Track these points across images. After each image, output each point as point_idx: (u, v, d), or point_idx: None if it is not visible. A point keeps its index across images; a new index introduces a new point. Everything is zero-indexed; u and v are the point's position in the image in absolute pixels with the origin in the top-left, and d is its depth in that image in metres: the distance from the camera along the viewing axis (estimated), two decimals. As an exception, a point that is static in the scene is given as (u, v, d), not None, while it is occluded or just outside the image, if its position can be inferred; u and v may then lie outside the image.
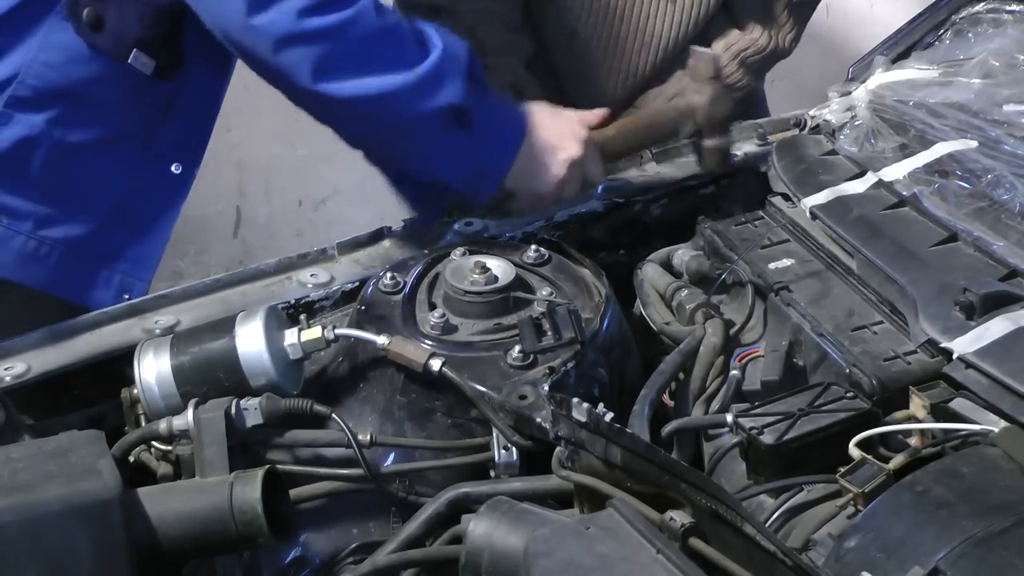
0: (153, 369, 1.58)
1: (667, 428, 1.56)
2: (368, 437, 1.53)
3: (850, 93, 2.03)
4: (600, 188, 2.00)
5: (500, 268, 1.68)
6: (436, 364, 1.56)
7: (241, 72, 1.89)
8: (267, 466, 1.45)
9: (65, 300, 1.92)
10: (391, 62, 1.75)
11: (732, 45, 2.39)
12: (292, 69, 1.73)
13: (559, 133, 1.90)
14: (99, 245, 1.93)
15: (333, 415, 1.54)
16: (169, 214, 2.00)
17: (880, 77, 2.03)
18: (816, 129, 2.06)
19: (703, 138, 2.02)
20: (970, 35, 2.07)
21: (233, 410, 1.51)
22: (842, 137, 1.97)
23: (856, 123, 1.97)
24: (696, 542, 1.26)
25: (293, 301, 1.79)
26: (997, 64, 1.96)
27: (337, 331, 1.61)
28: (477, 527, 1.36)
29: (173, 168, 1.96)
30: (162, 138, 1.94)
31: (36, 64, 1.83)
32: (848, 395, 1.49)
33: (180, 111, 1.95)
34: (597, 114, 1.98)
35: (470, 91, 1.80)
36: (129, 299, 1.91)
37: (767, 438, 1.44)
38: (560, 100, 2.31)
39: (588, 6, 2.30)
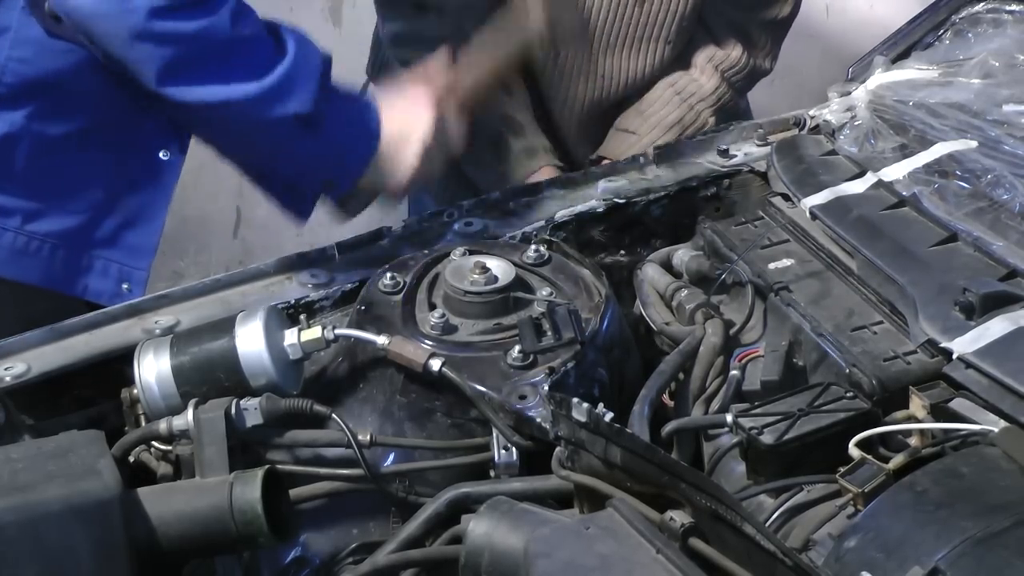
0: (153, 369, 1.58)
1: (667, 428, 1.56)
2: (368, 437, 1.53)
3: (850, 93, 2.03)
4: (600, 189, 2.00)
5: (500, 268, 1.68)
6: (436, 364, 1.56)
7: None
8: (267, 466, 1.45)
9: (62, 294, 1.91)
10: (239, 71, 1.76)
11: (711, 59, 2.43)
12: (139, 66, 1.73)
13: (405, 119, 1.90)
14: (91, 236, 1.92)
15: (333, 415, 1.54)
16: (161, 200, 1.98)
17: (880, 77, 2.03)
18: (816, 129, 2.06)
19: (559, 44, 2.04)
20: (970, 35, 2.08)
21: (233, 410, 1.51)
22: (842, 137, 1.97)
23: (856, 123, 1.97)
24: (696, 542, 1.26)
25: (293, 301, 1.79)
26: (997, 64, 1.96)
27: (337, 331, 1.61)
28: (477, 527, 1.36)
29: (161, 154, 1.94)
30: (146, 125, 1.92)
31: (11, 61, 1.82)
32: (848, 395, 1.49)
33: None
34: (437, 61, 1.99)
35: (321, 100, 1.80)
36: (129, 288, 1.91)
37: (767, 438, 1.44)
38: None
39: (554, 8, 2.30)
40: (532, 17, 2.00)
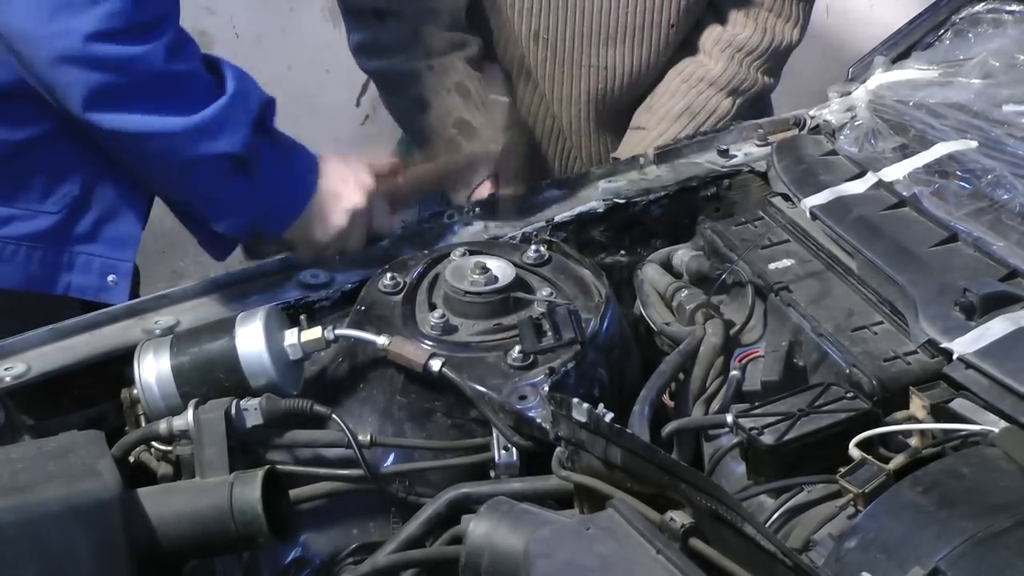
0: (153, 369, 1.58)
1: (667, 428, 1.56)
2: (368, 437, 1.53)
3: (850, 93, 2.03)
4: (600, 189, 2.00)
5: (500, 268, 1.68)
6: (436, 364, 1.56)
7: (240, 72, 1.89)
8: (267, 466, 1.45)
9: (45, 294, 1.89)
10: (170, 104, 1.73)
11: (719, 41, 2.36)
12: (65, 90, 1.70)
13: (341, 180, 1.88)
14: (70, 233, 1.89)
15: (333, 415, 1.54)
16: (140, 190, 1.95)
17: (880, 77, 2.03)
18: (816, 129, 2.06)
19: (497, 187, 2.05)
20: (970, 35, 2.08)
21: (233, 410, 1.51)
22: (842, 137, 1.97)
23: (856, 123, 1.97)
24: (696, 542, 1.26)
25: (293, 301, 1.80)
26: (997, 64, 1.97)
27: (337, 331, 1.61)
28: (477, 527, 1.36)
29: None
30: None
31: None
32: (848, 395, 1.49)
33: None
34: (387, 163, 1.99)
35: (255, 142, 1.79)
36: (115, 280, 1.89)
37: (767, 438, 1.44)
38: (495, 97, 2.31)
39: (547, 6, 2.29)
40: (489, 149, 2.02)
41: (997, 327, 1.51)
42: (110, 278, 1.91)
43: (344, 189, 1.88)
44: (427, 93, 2.29)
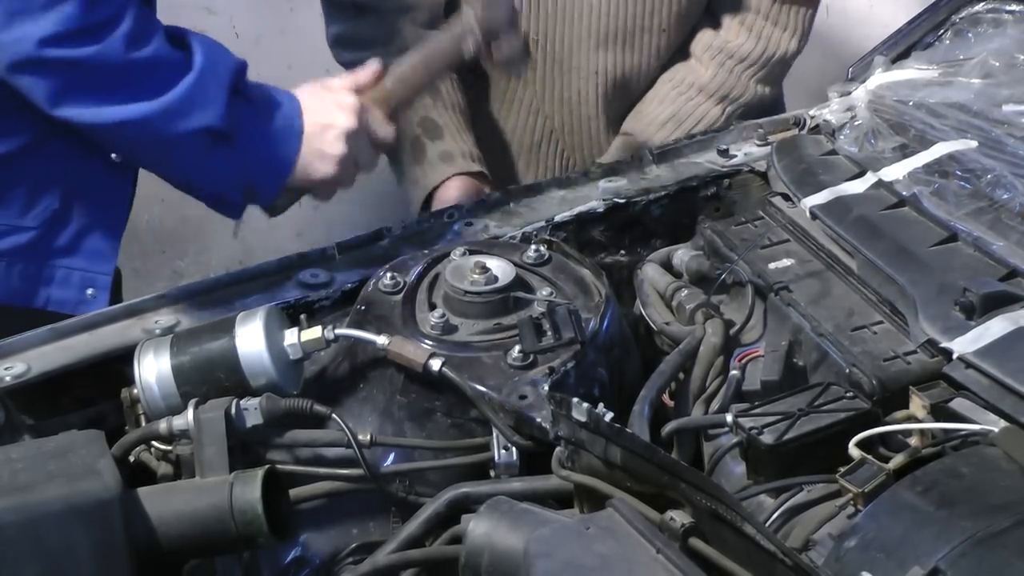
0: (153, 369, 1.58)
1: (667, 428, 1.56)
2: (368, 437, 1.53)
3: (850, 93, 2.03)
4: (600, 189, 2.00)
5: (500, 268, 1.68)
6: (436, 364, 1.56)
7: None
8: (267, 466, 1.45)
9: (26, 308, 1.89)
10: (136, 91, 1.74)
11: (709, 47, 2.34)
12: (29, 91, 1.72)
13: (325, 111, 1.86)
14: (49, 247, 1.90)
15: (333, 415, 1.54)
16: (119, 202, 1.96)
17: (880, 77, 2.03)
18: (816, 129, 2.06)
19: (490, 52, 1.98)
20: (970, 35, 2.08)
21: (233, 410, 1.51)
22: (842, 137, 1.97)
23: (856, 123, 1.97)
24: (696, 542, 1.26)
25: (293, 301, 1.79)
26: (997, 64, 1.97)
27: (337, 331, 1.61)
28: (477, 527, 1.36)
29: (113, 156, 1.91)
30: None
31: None
32: (848, 395, 1.49)
33: None
34: (368, 71, 1.94)
35: (231, 110, 1.78)
36: (93, 294, 1.90)
37: (767, 438, 1.44)
38: (486, 108, 2.32)
39: (538, 9, 2.28)
40: (467, 13, 1.95)
41: (997, 327, 1.51)
42: (89, 291, 1.91)
43: (330, 117, 1.86)
44: None
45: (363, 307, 1.69)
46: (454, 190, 2.22)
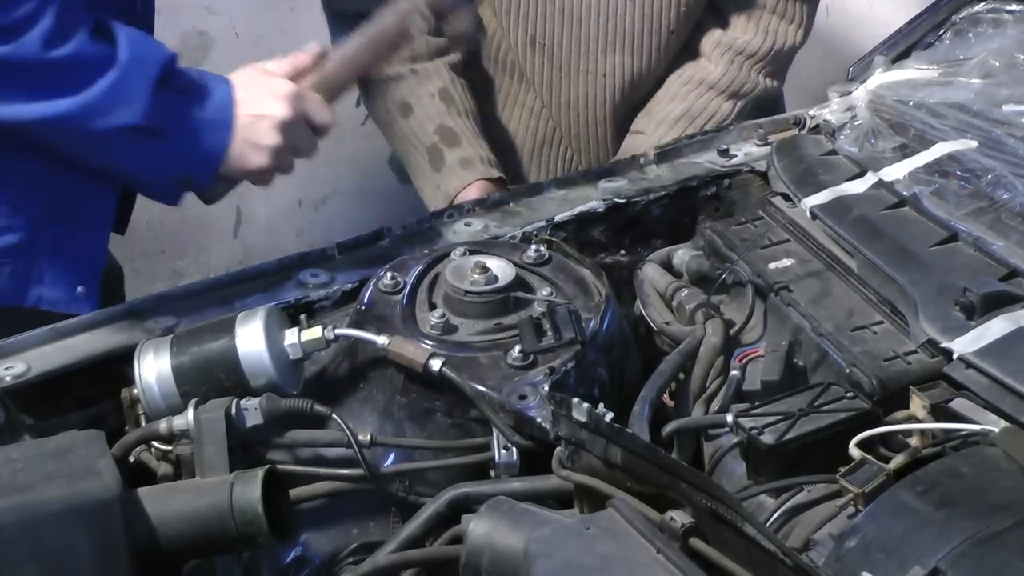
0: (153, 369, 1.58)
1: (667, 428, 1.56)
2: (368, 437, 1.53)
3: (850, 93, 2.03)
4: (600, 189, 2.00)
5: (500, 268, 1.68)
6: (436, 364, 1.56)
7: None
8: (267, 466, 1.45)
9: (16, 307, 1.88)
10: (55, 90, 1.73)
11: (719, 44, 2.34)
12: None
13: (258, 101, 1.84)
14: (37, 246, 1.89)
15: (333, 415, 1.54)
16: (106, 197, 1.95)
17: (880, 77, 2.03)
18: (816, 129, 2.06)
19: (443, 27, 1.95)
20: (970, 35, 2.08)
21: (233, 410, 1.51)
22: (842, 137, 1.97)
23: (856, 123, 1.97)
24: (696, 542, 1.26)
25: (293, 301, 1.79)
26: (997, 64, 1.96)
27: (337, 331, 1.61)
28: (477, 527, 1.36)
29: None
30: None
31: None
32: (848, 395, 1.49)
33: None
34: (308, 54, 1.91)
35: (158, 105, 1.76)
36: (84, 291, 1.89)
37: (767, 438, 1.44)
38: (491, 110, 2.30)
39: (543, 11, 2.28)
40: None
41: (997, 327, 1.51)
42: (79, 289, 1.91)
43: (263, 107, 1.84)
44: (409, 98, 2.28)
45: (363, 307, 1.69)
46: (475, 196, 2.21)
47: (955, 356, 1.50)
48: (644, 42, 2.31)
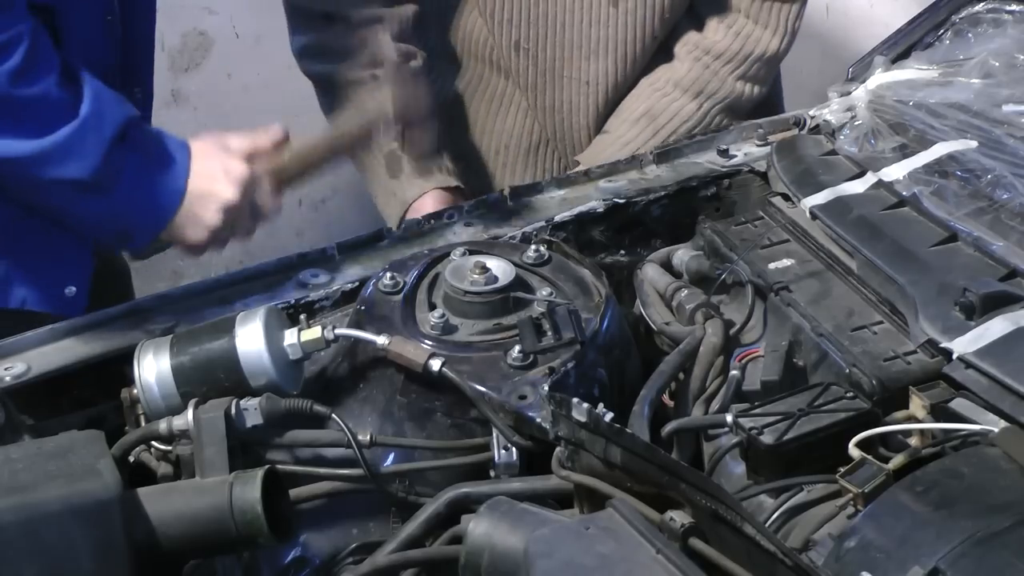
0: (153, 369, 1.58)
1: (667, 428, 1.56)
2: (368, 437, 1.53)
3: (850, 93, 2.03)
4: (600, 189, 2.00)
5: (500, 268, 1.68)
6: (436, 364, 1.56)
7: (240, 72, 1.88)
8: (267, 466, 1.45)
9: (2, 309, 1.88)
10: (15, 128, 1.72)
11: (686, 44, 2.33)
12: None
13: (212, 178, 1.83)
14: (24, 247, 1.89)
15: (333, 415, 1.54)
16: None
17: (880, 77, 2.03)
18: (816, 129, 2.06)
19: (403, 143, 1.97)
20: (970, 35, 2.08)
21: (233, 410, 1.51)
22: (842, 137, 1.97)
23: (856, 123, 1.97)
24: (696, 542, 1.26)
25: (293, 301, 1.79)
26: (997, 64, 1.96)
27: (337, 331, 1.61)
28: (477, 527, 1.36)
29: None
30: None
31: None
32: (848, 395, 1.49)
33: None
34: (271, 137, 1.90)
35: (110, 164, 1.75)
36: (73, 293, 1.89)
37: (767, 438, 1.44)
38: (484, 109, 2.30)
39: (528, 17, 2.27)
40: (379, 98, 1.93)
41: (997, 327, 1.51)
42: (68, 290, 1.90)
43: (214, 187, 1.83)
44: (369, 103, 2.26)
45: (363, 307, 1.69)
46: (431, 205, 2.19)
47: (955, 356, 1.50)
48: (627, 49, 2.30)
